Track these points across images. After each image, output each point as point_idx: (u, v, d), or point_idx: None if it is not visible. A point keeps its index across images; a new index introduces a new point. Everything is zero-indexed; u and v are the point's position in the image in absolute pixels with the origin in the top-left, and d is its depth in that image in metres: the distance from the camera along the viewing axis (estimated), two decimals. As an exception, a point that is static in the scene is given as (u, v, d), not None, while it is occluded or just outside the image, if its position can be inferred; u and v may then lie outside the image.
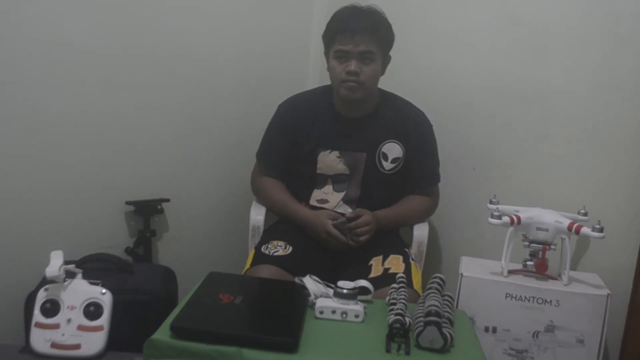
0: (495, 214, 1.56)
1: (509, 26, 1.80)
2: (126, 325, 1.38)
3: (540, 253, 1.57)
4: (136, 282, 1.54)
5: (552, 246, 1.57)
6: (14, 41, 1.51)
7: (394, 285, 1.37)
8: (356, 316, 1.26)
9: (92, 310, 1.36)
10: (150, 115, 1.82)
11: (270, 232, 1.75)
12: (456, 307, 1.48)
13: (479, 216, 1.79)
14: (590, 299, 1.50)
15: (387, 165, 1.71)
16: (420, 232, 1.77)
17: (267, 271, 1.52)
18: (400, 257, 1.62)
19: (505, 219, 1.55)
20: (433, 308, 1.19)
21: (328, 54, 1.67)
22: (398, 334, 1.17)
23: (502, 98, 1.84)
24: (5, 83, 1.52)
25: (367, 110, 1.72)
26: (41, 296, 1.37)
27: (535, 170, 1.80)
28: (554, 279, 1.57)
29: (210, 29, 1.91)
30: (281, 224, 1.81)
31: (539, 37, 1.76)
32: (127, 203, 1.80)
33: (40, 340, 1.33)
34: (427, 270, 1.77)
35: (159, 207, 1.84)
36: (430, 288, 1.33)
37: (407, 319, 1.18)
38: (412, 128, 1.73)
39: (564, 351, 1.51)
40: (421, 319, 1.18)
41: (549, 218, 1.55)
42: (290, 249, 1.62)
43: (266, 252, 1.60)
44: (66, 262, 1.38)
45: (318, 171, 1.72)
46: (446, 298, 1.34)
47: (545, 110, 1.77)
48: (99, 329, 1.35)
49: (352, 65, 1.59)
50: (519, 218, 1.55)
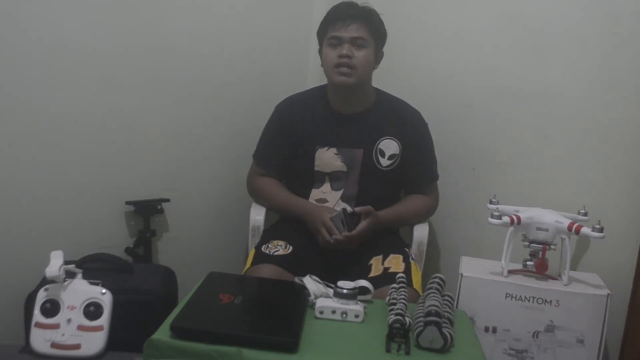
0: (495, 214, 1.56)
1: (509, 26, 1.81)
2: (126, 325, 1.37)
3: (540, 253, 1.57)
4: (136, 282, 1.54)
5: (552, 246, 1.57)
6: (14, 41, 1.51)
7: (394, 285, 1.37)
8: (356, 316, 1.26)
9: (92, 310, 1.36)
10: (150, 115, 1.82)
11: (271, 232, 1.75)
12: (456, 307, 1.48)
13: (479, 216, 1.79)
14: (590, 299, 1.50)
15: (384, 161, 1.71)
16: (420, 232, 1.77)
17: (268, 270, 1.53)
18: (400, 257, 1.62)
19: (505, 219, 1.55)
20: (433, 308, 1.19)
21: (322, 47, 1.70)
22: (398, 334, 1.17)
23: (502, 98, 1.84)
24: (5, 83, 1.52)
25: (364, 107, 1.73)
26: (41, 296, 1.36)
27: (535, 170, 1.80)
28: (554, 279, 1.58)
29: (210, 29, 1.91)
30: (281, 223, 1.82)
31: (539, 37, 1.76)
32: (127, 203, 1.79)
33: (40, 340, 1.33)
34: (427, 270, 1.77)
35: (159, 207, 1.84)
36: (430, 288, 1.33)
37: (407, 319, 1.18)
38: (408, 126, 1.74)
39: (564, 351, 1.51)
40: (421, 319, 1.18)
41: (549, 218, 1.55)
42: (291, 248, 1.62)
43: (266, 252, 1.60)
44: (66, 262, 1.38)
45: (316, 168, 1.72)
46: (446, 298, 1.34)
47: (545, 110, 1.77)
48: (99, 329, 1.35)
49: (345, 49, 1.62)
50: (519, 218, 1.55)
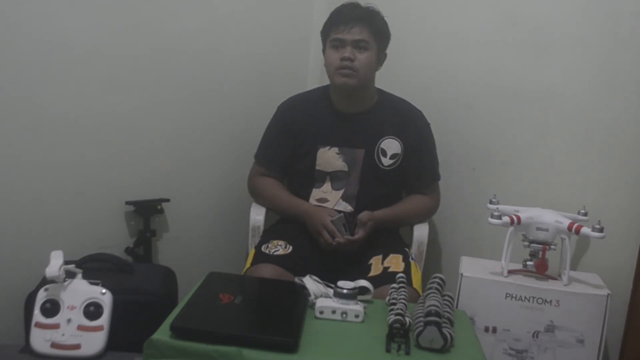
0: (495, 214, 1.56)
1: (509, 26, 1.81)
2: (126, 325, 1.38)
3: (540, 253, 1.57)
4: (136, 282, 1.54)
5: (552, 246, 1.57)
6: (14, 41, 1.51)
7: (394, 285, 1.37)
8: (356, 316, 1.26)
9: (92, 310, 1.36)
10: (150, 115, 1.82)
11: (270, 232, 1.75)
12: (456, 307, 1.48)
13: (479, 216, 1.79)
14: (590, 299, 1.50)
15: (386, 161, 1.71)
16: (420, 232, 1.77)
17: (268, 270, 1.53)
18: (400, 256, 1.62)
19: (505, 219, 1.55)
20: (433, 308, 1.19)
21: (325, 48, 1.70)
22: (398, 334, 1.17)
23: (503, 98, 1.84)
24: (5, 83, 1.52)
25: (366, 106, 1.73)
26: (41, 296, 1.37)
27: (535, 170, 1.80)
28: (554, 279, 1.58)
29: (210, 29, 1.91)
30: (281, 223, 1.82)
31: (539, 37, 1.76)
32: (127, 203, 1.79)
33: (40, 340, 1.33)
34: (427, 270, 1.77)
35: (159, 207, 1.84)
36: (430, 288, 1.33)
37: (407, 319, 1.18)
38: (410, 125, 1.74)
39: (564, 351, 1.51)
40: (421, 319, 1.18)
41: (549, 218, 1.55)
42: (291, 248, 1.62)
43: (266, 252, 1.60)
44: (66, 262, 1.38)
45: (317, 168, 1.72)
46: (446, 298, 1.34)
47: (545, 110, 1.77)
48: (99, 329, 1.35)
49: (347, 52, 1.62)
50: (519, 218, 1.55)
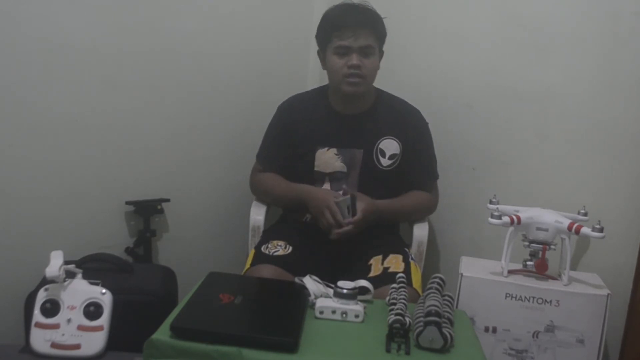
0: (495, 214, 1.56)
1: (509, 26, 1.80)
2: (126, 325, 1.38)
3: (540, 253, 1.57)
4: (136, 282, 1.54)
5: (552, 246, 1.57)
6: (14, 41, 1.51)
7: (394, 285, 1.37)
8: (356, 316, 1.26)
9: (92, 310, 1.36)
10: (150, 115, 1.82)
11: (270, 232, 1.75)
12: (456, 307, 1.48)
13: (479, 216, 1.79)
14: (590, 299, 1.50)
15: (385, 161, 1.71)
16: (420, 232, 1.77)
17: (267, 271, 1.52)
18: (400, 257, 1.62)
19: (505, 219, 1.55)
20: (433, 308, 1.18)
21: (324, 52, 1.68)
22: (398, 334, 1.17)
23: (503, 98, 1.84)
24: (5, 83, 1.52)
25: (364, 107, 1.73)
26: (41, 296, 1.37)
27: (535, 170, 1.80)
28: (554, 279, 1.58)
29: (210, 28, 1.91)
30: (281, 224, 1.82)
31: (539, 37, 1.76)
32: (127, 203, 1.80)
33: (40, 340, 1.33)
34: (427, 270, 1.77)
35: (159, 207, 1.84)
36: (430, 288, 1.33)
37: (407, 319, 1.18)
38: (409, 125, 1.74)
39: (564, 351, 1.51)
40: (421, 319, 1.18)
41: (549, 218, 1.55)
42: (290, 248, 1.62)
43: (266, 252, 1.60)
44: (66, 262, 1.38)
45: (315, 169, 1.72)
46: (446, 298, 1.34)
47: (545, 110, 1.77)
48: (99, 329, 1.35)
49: (354, 59, 1.60)
50: (519, 218, 1.55)
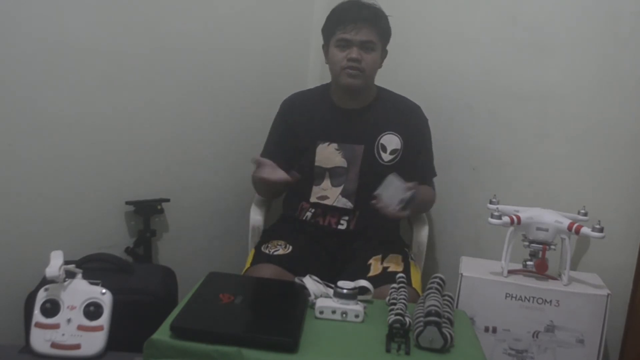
0: (495, 214, 1.56)
1: (509, 26, 1.81)
2: (126, 325, 1.37)
3: (540, 253, 1.57)
4: (136, 282, 1.54)
5: (552, 246, 1.57)
6: (14, 41, 1.51)
7: (394, 285, 1.37)
8: (356, 316, 1.26)
9: (92, 310, 1.36)
10: (150, 115, 1.82)
11: (270, 232, 1.76)
12: (456, 307, 1.48)
13: (479, 216, 1.79)
14: (590, 299, 1.50)
15: (386, 156, 1.71)
16: (420, 232, 1.77)
17: (268, 270, 1.53)
18: (400, 256, 1.62)
19: (505, 219, 1.55)
20: (433, 308, 1.19)
21: (328, 45, 1.69)
22: (398, 334, 1.17)
23: (502, 98, 1.84)
24: (5, 83, 1.52)
25: (365, 102, 1.73)
26: (41, 296, 1.37)
27: (535, 170, 1.80)
28: (554, 279, 1.57)
29: (210, 27, 1.91)
30: (281, 223, 1.82)
31: (539, 37, 1.76)
32: (127, 203, 1.80)
33: (40, 340, 1.33)
34: (427, 270, 1.77)
35: (159, 207, 1.84)
36: (430, 288, 1.33)
37: (407, 319, 1.18)
38: (410, 121, 1.74)
39: (564, 351, 1.51)
40: (421, 319, 1.18)
41: (549, 218, 1.55)
42: (290, 248, 1.62)
43: (266, 252, 1.61)
44: (66, 262, 1.38)
45: (316, 164, 1.72)
46: (446, 298, 1.34)
47: (545, 110, 1.77)
48: (99, 329, 1.35)
49: (354, 53, 1.62)
50: (519, 218, 1.55)
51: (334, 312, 1.26)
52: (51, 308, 1.35)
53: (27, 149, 1.58)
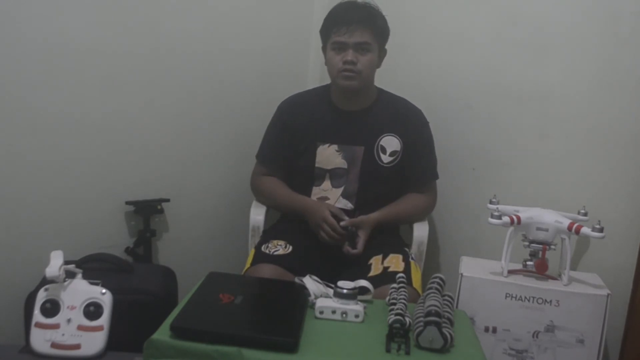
0: (495, 214, 1.56)
1: (509, 26, 1.80)
2: (126, 325, 1.38)
3: (540, 253, 1.57)
4: (136, 282, 1.54)
5: (552, 246, 1.57)
6: (14, 41, 1.51)
7: (394, 285, 1.37)
8: (356, 316, 1.26)
9: (92, 310, 1.36)
10: (150, 115, 1.82)
11: (270, 232, 1.76)
12: (456, 307, 1.48)
13: (479, 216, 1.79)
14: (590, 299, 1.50)
15: (386, 158, 1.71)
16: (420, 232, 1.77)
17: (268, 270, 1.53)
18: (400, 256, 1.62)
19: (505, 219, 1.55)
20: (433, 308, 1.19)
21: (325, 48, 1.70)
22: (398, 334, 1.17)
23: (502, 98, 1.84)
24: (5, 83, 1.52)
25: (365, 104, 1.73)
26: (41, 296, 1.37)
27: (535, 170, 1.80)
28: (554, 279, 1.57)
29: (209, 28, 1.91)
30: (281, 223, 1.82)
31: (539, 37, 1.76)
32: (127, 203, 1.80)
33: (40, 340, 1.33)
34: (427, 270, 1.77)
35: (159, 207, 1.84)
36: (430, 288, 1.33)
37: (407, 319, 1.18)
38: (410, 123, 1.74)
39: (564, 351, 1.51)
40: (421, 319, 1.18)
41: (549, 218, 1.55)
42: (291, 248, 1.62)
43: (266, 252, 1.60)
44: (66, 262, 1.38)
45: (316, 165, 1.72)
46: (446, 298, 1.34)
47: (545, 110, 1.77)
48: (99, 329, 1.35)
49: (349, 55, 1.62)
50: (519, 218, 1.55)
51: (334, 312, 1.26)
52: (51, 308, 1.36)
53: (27, 149, 1.58)
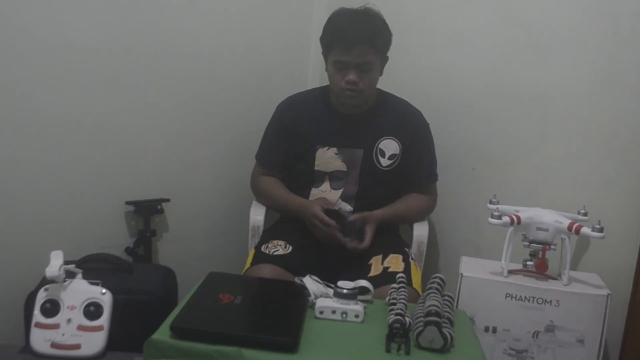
0: (495, 214, 1.56)
1: (509, 26, 1.80)
2: (126, 325, 1.38)
3: (540, 253, 1.57)
4: (136, 282, 1.54)
5: (552, 246, 1.57)
6: (14, 41, 1.51)
7: (394, 285, 1.37)
8: (356, 316, 1.26)
9: (92, 310, 1.36)
10: (150, 115, 1.82)
11: (270, 232, 1.76)
12: (456, 307, 1.48)
13: (479, 216, 1.79)
14: (590, 299, 1.50)
15: (384, 161, 1.71)
16: (420, 232, 1.77)
17: (267, 270, 1.53)
18: (400, 256, 1.62)
19: (505, 219, 1.55)
20: (433, 308, 1.19)
21: (326, 58, 1.68)
22: (398, 334, 1.17)
23: (502, 98, 1.84)
24: (5, 83, 1.52)
25: (365, 107, 1.73)
26: (41, 296, 1.36)
27: (535, 170, 1.80)
28: (554, 279, 1.57)
29: (210, 28, 1.91)
30: (281, 223, 1.82)
31: (539, 38, 1.76)
32: (127, 203, 1.80)
33: (40, 340, 1.33)
34: (427, 270, 1.77)
35: (159, 207, 1.84)
36: (430, 288, 1.33)
37: (407, 319, 1.18)
38: (410, 126, 1.74)
39: (564, 351, 1.51)
40: (421, 319, 1.18)
41: (549, 218, 1.55)
42: (290, 248, 1.62)
43: (266, 252, 1.61)
44: (66, 262, 1.38)
45: (316, 168, 1.72)
46: (446, 298, 1.34)
47: (545, 110, 1.77)
48: (99, 329, 1.35)
49: (351, 75, 1.60)
50: (519, 218, 1.55)
51: (334, 312, 1.26)
52: (51, 308, 1.35)
53: (27, 149, 1.58)
